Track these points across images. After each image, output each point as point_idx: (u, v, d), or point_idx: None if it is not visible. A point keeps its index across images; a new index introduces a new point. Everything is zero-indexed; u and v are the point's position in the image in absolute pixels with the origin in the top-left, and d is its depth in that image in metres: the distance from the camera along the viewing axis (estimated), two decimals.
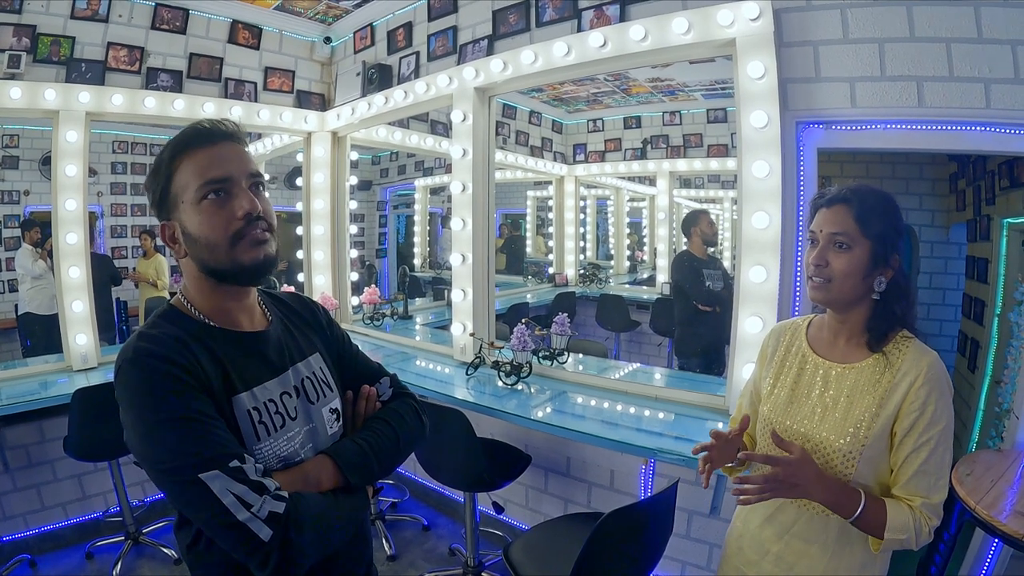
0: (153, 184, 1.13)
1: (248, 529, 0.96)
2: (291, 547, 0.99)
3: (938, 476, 1.27)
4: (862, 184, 1.38)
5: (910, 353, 1.30)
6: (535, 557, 2.08)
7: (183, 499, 1.00)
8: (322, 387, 1.26)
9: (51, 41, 3.33)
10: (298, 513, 1.01)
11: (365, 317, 4.45)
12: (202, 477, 0.95)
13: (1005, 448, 2.48)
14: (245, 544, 0.96)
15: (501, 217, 6.82)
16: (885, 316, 1.34)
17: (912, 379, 1.27)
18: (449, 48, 3.66)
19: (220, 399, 1.06)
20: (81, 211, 3.28)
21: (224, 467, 0.97)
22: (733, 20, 2.34)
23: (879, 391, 1.30)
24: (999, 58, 2.07)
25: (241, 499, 0.96)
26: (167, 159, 1.10)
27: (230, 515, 0.95)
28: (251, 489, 0.98)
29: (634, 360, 5.12)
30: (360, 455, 1.19)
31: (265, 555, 0.97)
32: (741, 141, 2.37)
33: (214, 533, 1.00)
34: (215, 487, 0.95)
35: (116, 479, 3.12)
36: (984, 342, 3.87)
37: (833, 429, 1.33)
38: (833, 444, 1.32)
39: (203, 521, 0.99)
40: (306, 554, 1.02)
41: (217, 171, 1.08)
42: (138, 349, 1.03)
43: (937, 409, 1.25)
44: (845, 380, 1.36)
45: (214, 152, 1.10)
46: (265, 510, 0.97)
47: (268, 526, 0.97)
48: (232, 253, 1.09)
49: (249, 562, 0.98)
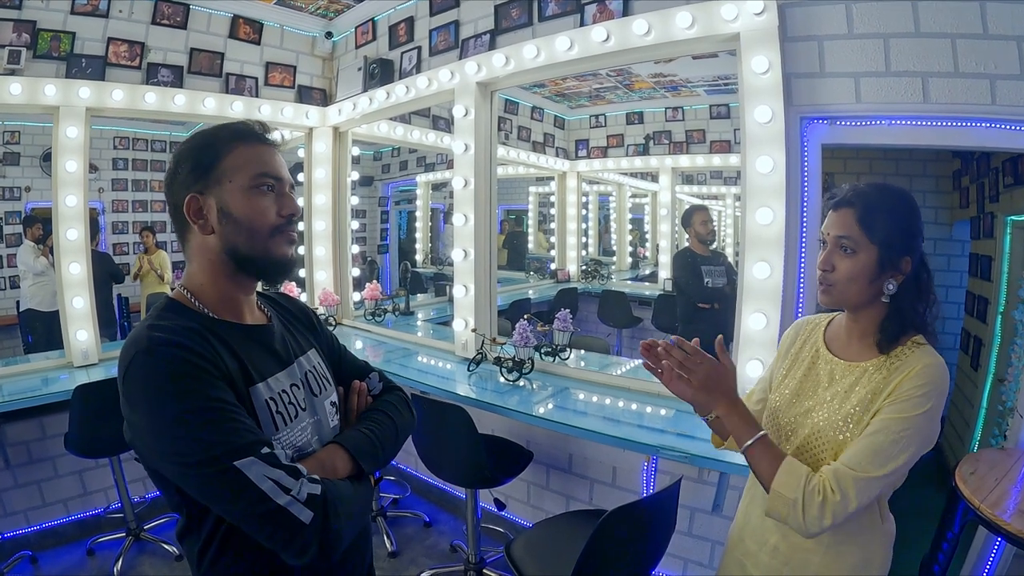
0: (198, 155, 1.11)
1: (289, 513, 0.94)
2: (330, 530, 0.98)
3: (884, 459, 1.19)
4: (872, 184, 1.35)
5: (914, 357, 1.27)
6: (537, 555, 2.08)
7: (216, 491, 0.96)
8: (322, 381, 1.27)
9: (51, 36, 3.32)
10: (333, 495, 1.01)
11: (367, 313, 4.45)
12: (237, 465, 0.93)
13: (1009, 447, 2.47)
14: (286, 530, 0.95)
15: (503, 213, 6.82)
16: (899, 319, 1.31)
17: (905, 373, 1.24)
18: (451, 43, 3.64)
19: (240, 389, 1.05)
20: (81, 207, 3.27)
21: (258, 453, 0.95)
22: (737, 14, 2.33)
23: (871, 386, 1.28)
24: (1005, 54, 2.05)
25: (279, 483, 0.95)
26: (226, 138, 1.13)
27: (270, 501, 0.94)
28: (287, 473, 0.97)
29: (636, 357, 5.10)
30: (368, 443, 1.20)
31: (307, 539, 0.96)
32: (745, 136, 2.36)
33: (251, 523, 0.96)
34: (252, 474, 0.93)
35: (117, 475, 3.12)
36: (987, 340, 3.86)
37: (827, 423, 1.32)
38: (826, 436, 1.32)
39: (240, 511, 0.96)
40: (342, 538, 1.01)
41: (273, 169, 1.15)
42: (153, 339, 0.99)
43: (919, 402, 1.20)
44: (848, 378, 1.35)
45: (269, 152, 1.16)
46: (304, 492, 0.97)
47: (308, 508, 0.96)
48: (268, 243, 1.13)
49: (289, 549, 0.96)
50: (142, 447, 1.01)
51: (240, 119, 1.17)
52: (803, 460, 1.32)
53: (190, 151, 1.12)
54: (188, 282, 1.15)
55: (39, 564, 3.13)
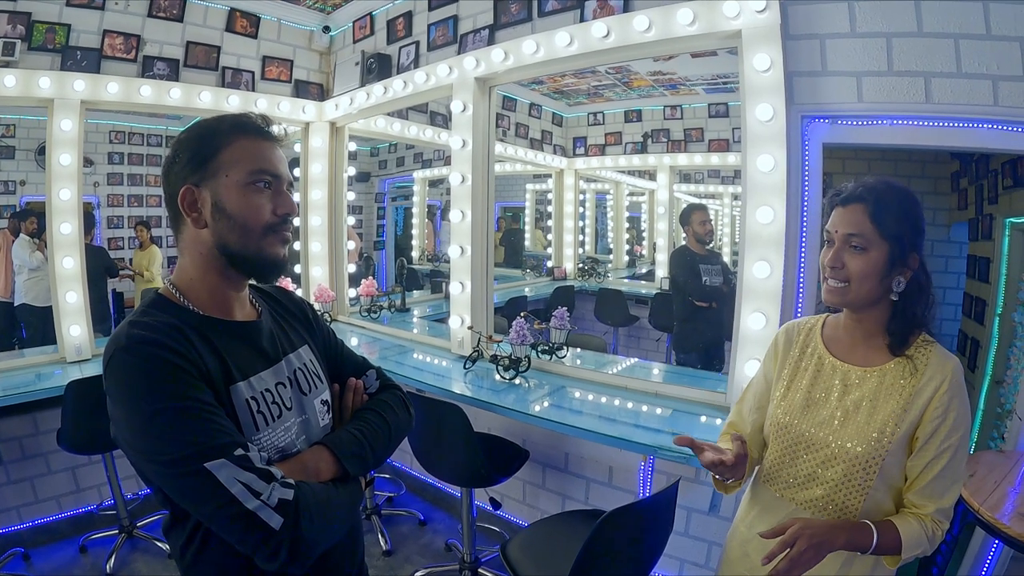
0: (197, 145, 1.09)
1: (258, 518, 0.93)
2: (301, 536, 0.96)
3: (953, 480, 1.26)
4: (880, 179, 1.33)
5: (934, 358, 1.27)
6: (533, 555, 2.06)
7: (186, 492, 0.95)
8: (313, 379, 1.25)
9: (46, 28, 3.28)
10: (306, 501, 0.99)
11: (362, 309, 4.43)
12: (207, 467, 0.92)
13: (1007, 449, 2.47)
14: (255, 534, 0.93)
15: (500, 210, 6.82)
16: (905, 317, 1.30)
17: (937, 384, 1.24)
18: (450, 38, 3.62)
19: (219, 388, 1.03)
20: (75, 201, 3.23)
21: (230, 455, 0.94)
22: (739, 11, 2.31)
23: (904, 395, 1.27)
24: (1008, 55, 2.04)
25: (249, 487, 0.93)
26: (226, 130, 1.10)
27: (238, 504, 0.92)
28: (259, 477, 0.95)
29: (633, 355, 5.12)
30: (356, 445, 1.18)
31: (276, 545, 0.94)
32: (746, 134, 2.34)
33: (220, 525, 0.95)
34: (222, 476, 0.92)
35: (110, 472, 3.10)
36: (985, 342, 3.86)
37: (855, 435, 1.29)
38: (853, 451, 1.28)
39: (208, 513, 0.95)
40: (315, 544, 1.00)
41: (271, 166, 1.12)
42: (131, 336, 0.98)
43: (959, 415, 1.24)
44: (867, 383, 1.32)
45: (270, 147, 1.14)
46: (275, 497, 0.95)
47: (278, 513, 0.94)
48: (261, 242, 1.11)
49: (258, 553, 0.95)
50: (123, 443, 1.00)
51: (241, 112, 1.15)
52: (828, 474, 1.31)
53: (189, 141, 1.10)
54: (178, 277, 1.13)
55: (31, 561, 3.10)
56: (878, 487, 1.29)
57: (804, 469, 1.36)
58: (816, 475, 1.34)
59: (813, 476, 1.35)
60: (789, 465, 1.40)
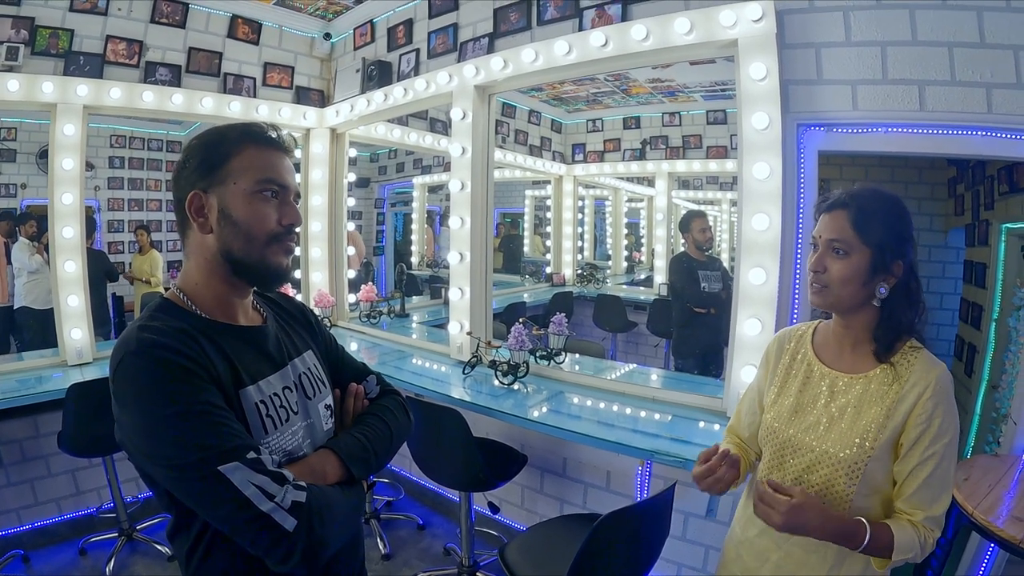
0: (207, 152, 1.10)
1: (272, 520, 0.94)
2: (314, 538, 0.97)
3: (941, 488, 1.26)
4: (866, 187, 1.35)
5: (919, 364, 1.29)
6: (531, 558, 2.08)
7: (199, 495, 0.96)
8: (317, 383, 1.26)
9: (49, 33, 3.31)
10: (318, 503, 1.00)
11: (362, 315, 4.44)
12: (221, 470, 0.92)
13: (1003, 453, 2.49)
14: (269, 537, 0.94)
15: (499, 216, 6.82)
16: (891, 324, 1.31)
17: (920, 391, 1.25)
18: (450, 46, 3.64)
19: (229, 392, 1.04)
20: (77, 205, 3.25)
21: (243, 458, 0.95)
22: (736, 21, 2.33)
23: (887, 402, 1.28)
24: (1001, 63, 2.06)
25: (263, 490, 0.94)
26: (236, 138, 1.11)
27: (253, 507, 0.93)
28: (272, 480, 0.96)
29: (631, 361, 5.11)
30: (360, 448, 1.19)
31: (290, 546, 0.95)
32: (742, 142, 2.36)
33: (234, 528, 0.96)
34: (236, 479, 0.93)
35: (110, 475, 3.11)
36: (981, 347, 3.87)
37: (838, 440, 1.31)
38: (836, 456, 1.30)
39: (223, 516, 0.96)
40: (326, 545, 1.01)
41: (279, 176, 1.13)
42: (142, 340, 0.98)
43: (944, 422, 1.24)
44: (853, 390, 1.34)
45: (279, 157, 1.15)
46: (288, 499, 0.96)
47: (292, 516, 0.95)
48: (265, 251, 1.12)
49: (272, 555, 0.96)
50: (130, 448, 1.00)
51: (240, 119, 1.17)
52: (812, 479, 1.33)
53: (200, 147, 1.11)
54: (183, 281, 1.14)
55: (31, 563, 3.11)
56: (862, 492, 1.30)
57: (791, 473, 1.38)
58: (802, 479, 1.36)
59: (799, 480, 1.36)
60: (778, 469, 1.42)
